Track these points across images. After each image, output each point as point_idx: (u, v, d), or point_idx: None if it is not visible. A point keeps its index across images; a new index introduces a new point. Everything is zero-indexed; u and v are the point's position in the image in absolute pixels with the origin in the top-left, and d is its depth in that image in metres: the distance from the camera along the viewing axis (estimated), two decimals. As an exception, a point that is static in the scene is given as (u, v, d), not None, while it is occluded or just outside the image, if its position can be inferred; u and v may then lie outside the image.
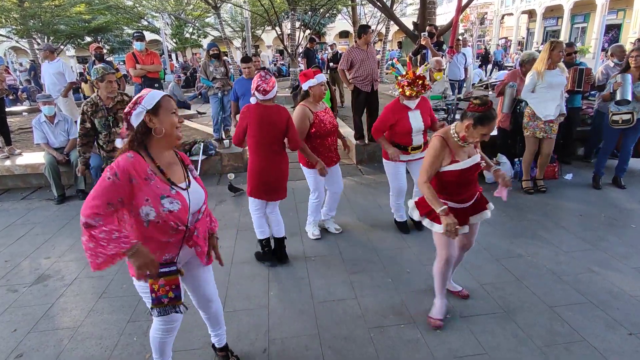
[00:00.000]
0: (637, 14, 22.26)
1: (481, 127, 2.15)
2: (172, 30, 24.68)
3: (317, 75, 3.10)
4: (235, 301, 2.82)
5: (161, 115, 1.63)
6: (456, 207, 2.37)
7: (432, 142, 2.32)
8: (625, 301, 2.65)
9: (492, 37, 35.95)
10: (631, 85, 4.09)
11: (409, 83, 3.17)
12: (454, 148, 2.28)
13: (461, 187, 2.35)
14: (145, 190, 1.59)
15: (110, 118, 3.60)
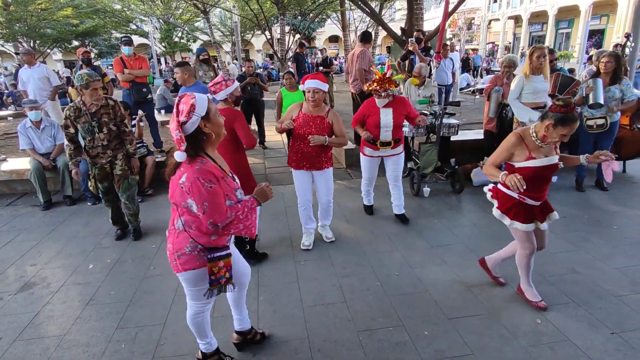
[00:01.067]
0: (620, 19, 22.82)
1: (562, 127, 2.25)
2: (160, 34, 24.58)
3: (307, 81, 3.15)
4: (225, 307, 2.80)
5: (212, 119, 1.76)
6: (531, 203, 2.51)
7: (507, 137, 2.48)
8: (608, 301, 2.71)
9: (480, 42, 36.47)
10: (602, 89, 4.21)
11: (377, 82, 3.56)
12: (531, 147, 2.39)
13: (536, 185, 2.43)
14: (224, 187, 1.78)
15: (94, 123, 3.47)
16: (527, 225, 2.52)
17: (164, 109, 9.62)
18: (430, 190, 4.68)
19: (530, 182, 2.35)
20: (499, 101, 4.70)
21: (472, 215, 4.19)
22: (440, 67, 6.86)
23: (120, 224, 3.96)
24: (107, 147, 3.56)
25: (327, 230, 3.75)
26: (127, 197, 3.79)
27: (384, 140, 3.75)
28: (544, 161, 2.38)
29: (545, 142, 2.36)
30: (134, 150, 3.72)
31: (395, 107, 3.68)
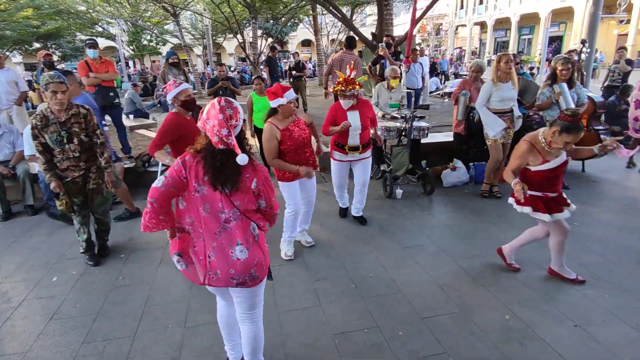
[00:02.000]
0: (576, 26, 24.08)
1: (566, 135, 2.50)
2: (128, 37, 23.88)
3: (286, 93, 3.07)
4: (198, 315, 2.75)
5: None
6: (551, 195, 2.79)
7: (519, 144, 2.76)
8: (571, 295, 2.83)
9: (447, 47, 37.56)
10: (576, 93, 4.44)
11: (342, 83, 3.62)
12: (542, 152, 2.67)
13: (551, 182, 2.75)
14: None
15: (63, 133, 3.12)
16: (563, 214, 2.78)
17: (133, 113, 9.35)
18: (402, 192, 4.76)
19: (546, 180, 2.70)
20: (466, 104, 4.85)
21: (442, 216, 4.30)
22: (410, 72, 7.02)
23: (93, 248, 3.60)
24: (79, 159, 3.24)
25: (306, 235, 3.72)
26: (102, 212, 3.54)
27: (352, 144, 3.75)
28: (557, 162, 2.68)
29: (551, 147, 2.62)
30: (106, 164, 3.33)
31: (360, 109, 3.73)
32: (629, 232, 3.76)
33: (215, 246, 1.78)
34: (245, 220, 1.81)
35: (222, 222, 1.77)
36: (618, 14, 11.40)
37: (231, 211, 1.76)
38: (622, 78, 7.72)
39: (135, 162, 5.40)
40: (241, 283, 1.81)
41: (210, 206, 1.75)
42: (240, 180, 1.74)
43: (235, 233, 1.78)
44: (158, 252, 3.64)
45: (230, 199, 1.74)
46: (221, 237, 1.78)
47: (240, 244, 1.78)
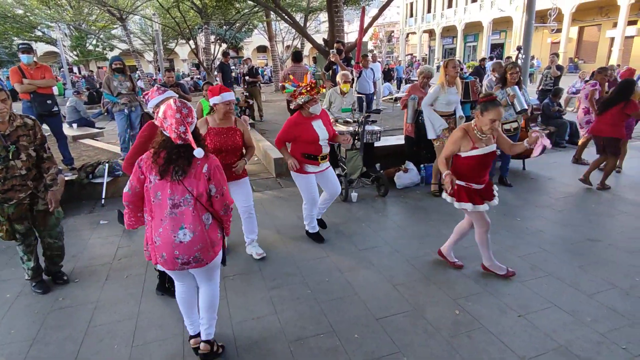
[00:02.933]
0: (515, 34, 25.82)
1: (487, 112, 2.71)
2: (71, 42, 22.56)
3: (223, 94, 3.03)
4: (147, 332, 2.62)
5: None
6: (475, 187, 2.94)
7: (454, 132, 2.93)
8: (514, 287, 3.00)
9: (399, 53, 38.88)
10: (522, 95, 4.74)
11: (307, 89, 3.35)
12: (474, 139, 2.84)
13: (479, 171, 2.90)
14: None
15: (11, 148, 2.70)
16: (483, 206, 2.93)
17: (77, 122, 8.81)
18: (357, 195, 4.84)
19: (474, 168, 2.86)
20: (415, 108, 5.03)
21: (396, 217, 4.41)
22: (362, 77, 7.18)
23: (40, 275, 3.19)
24: (25, 178, 2.82)
25: (255, 246, 3.57)
26: (56, 235, 3.12)
27: (324, 153, 3.56)
28: (485, 149, 2.84)
29: (482, 132, 2.79)
30: (51, 181, 2.88)
31: (322, 118, 3.58)
32: (563, 224, 4.05)
33: (160, 232, 2.00)
34: (198, 208, 2.02)
35: (170, 208, 1.98)
36: (549, 24, 12.37)
37: (182, 197, 1.99)
38: (553, 82, 8.36)
39: (78, 173, 5.08)
40: (185, 263, 2.03)
41: (161, 193, 1.99)
42: (190, 168, 1.98)
43: (181, 218, 1.99)
44: (104, 268, 3.44)
45: (184, 185, 1.97)
46: (166, 223, 1.99)
47: (185, 228, 1.99)
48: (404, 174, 5.22)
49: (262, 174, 5.99)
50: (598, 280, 3.04)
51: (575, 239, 3.71)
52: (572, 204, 4.59)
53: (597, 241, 3.67)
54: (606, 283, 3.00)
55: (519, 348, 2.37)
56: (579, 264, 3.27)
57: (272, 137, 7.44)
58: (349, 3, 13.77)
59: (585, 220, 4.14)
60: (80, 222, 4.44)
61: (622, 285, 2.96)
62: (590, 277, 3.09)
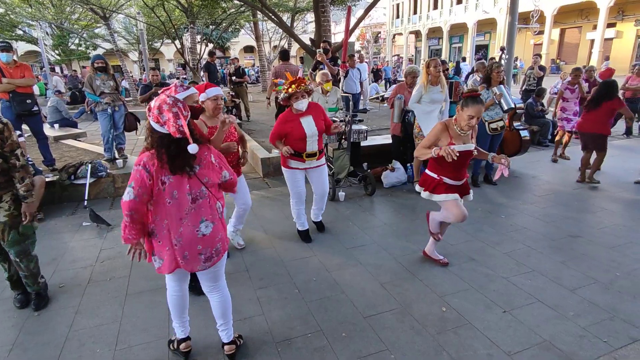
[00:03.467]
0: (499, 35, 26.25)
1: (467, 108, 2.72)
2: (53, 41, 22.05)
3: (207, 90, 3.00)
4: (131, 336, 2.57)
5: None
6: (452, 183, 2.98)
7: (435, 125, 2.93)
8: (499, 283, 3.04)
9: (386, 54, 39.14)
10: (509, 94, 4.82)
11: (291, 83, 3.36)
12: (453, 134, 2.85)
13: (455, 168, 2.90)
14: None
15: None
16: (452, 195, 2.96)
17: (59, 122, 8.61)
18: (345, 194, 4.84)
19: (449, 164, 2.80)
20: (402, 107, 5.06)
21: (383, 216, 4.42)
22: (348, 77, 7.20)
23: (22, 286, 2.92)
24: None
25: (239, 236, 3.69)
26: (17, 253, 2.73)
27: (310, 151, 3.53)
28: (462, 147, 2.81)
29: (462, 128, 2.80)
30: (25, 192, 2.58)
31: (313, 113, 3.53)
32: (546, 221, 4.12)
33: (181, 231, 1.96)
34: (212, 198, 2.04)
35: (190, 203, 1.96)
36: (532, 25, 12.61)
37: (199, 190, 1.98)
38: (537, 82, 8.51)
39: (59, 174, 4.96)
40: (209, 257, 2.03)
41: (177, 192, 1.94)
42: (199, 160, 1.97)
43: (201, 210, 1.99)
44: (86, 271, 3.36)
45: (198, 178, 1.97)
46: (187, 220, 1.96)
47: (205, 219, 2.00)
48: (391, 173, 5.24)
49: (250, 174, 5.95)
50: (580, 275, 3.10)
51: (558, 235, 3.78)
52: (554, 201, 4.67)
53: (578, 237, 3.74)
54: (587, 278, 3.06)
55: (505, 343, 2.40)
56: (562, 260, 3.33)
57: (259, 137, 7.41)
58: (336, 3, 13.77)
59: (566, 217, 4.22)
60: (62, 225, 4.34)
61: (602, 280, 3.03)
62: (572, 272, 3.14)
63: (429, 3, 34.94)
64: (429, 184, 3.05)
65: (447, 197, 2.99)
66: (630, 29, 22.01)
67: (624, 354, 2.29)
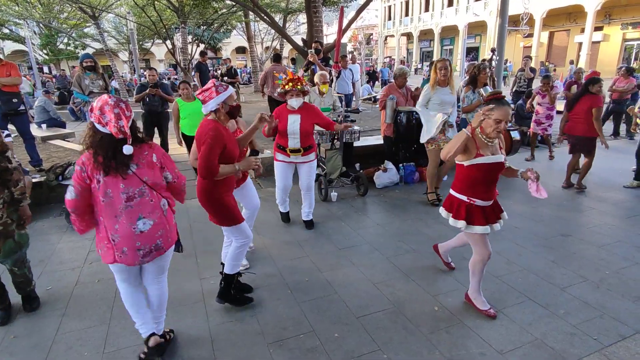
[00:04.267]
0: (489, 38, 26.54)
1: (492, 112, 2.31)
2: (41, 40, 21.73)
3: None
4: (120, 338, 2.52)
5: None
6: (482, 204, 2.54)
7: (459, 133, 2.43)
8: (490, 281, 3.05)
9: (378, 55, 39.32)
10: None
11: (289, 80, 3.55)
12: (480, 144, 2.43)
13: (484, 185, 2.50)
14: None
15: None
16: (483, 228, 2.51)
17: (46, 122, 8.46)
18: (337, 195, 4.83)
19: (478, 181, 2.47)
20: (394, 108, 5.06)
21: (375, 216, 4.42)
22: (340, 77, 7.21)
23: (4, 301, 2.72)
24: None
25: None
26: (14, 262, 2.63)
27: (292, 147, 3.70)
28: (491, 159, 2.43)
29: (488, 136, 2.41)
30: (20, 195, 2.50)
31: (303, 113, 3.62)
32: (536, 220, 4.16)
33: (117, 228, 1.99)
34: (155, 196, 2.07)
35: (124, 202, 1.98)
36: (522, 27, 12.79)
37: (137, 188, 2.00)
38: (527, 84, 8.62)
39: (46, 175, 4.86)
40: (147, 253, 2.06)
41: (111, 190, 1.96)
42: (137, 159, 2.00)
43: (138, 209, 2.01)
44: (73, 273, 3.30)
45: (138, 176, 2.00)
46: (122, 218, 1.99)
47: (144, 217, 2.02)
48: (383, 174, 5.25)
49: (241, 175, 5.91)
50: (570, 274, 3.13)
51: (548, 234, 3.81)
52: (544, 201, 4.69)
53: (568, 236, 3.78)
54: (577, 276, 3.09)
55: (497, 342, 2.40)
56: (552, 259, 3.36)
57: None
58: (328, 4, 13.80)
59: (556, 216, 4.27)
60: (49, 226, 4.26)
61: (592, 278, 3.06)
62: (563, 271, 3.17)
63: (420, 5, 35.21)
64: (456, 207, 2.58)
65: (476, 230, 2.53)
66: (616, 32, 22.43)
67: (614, 351, 2.31)
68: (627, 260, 3.31)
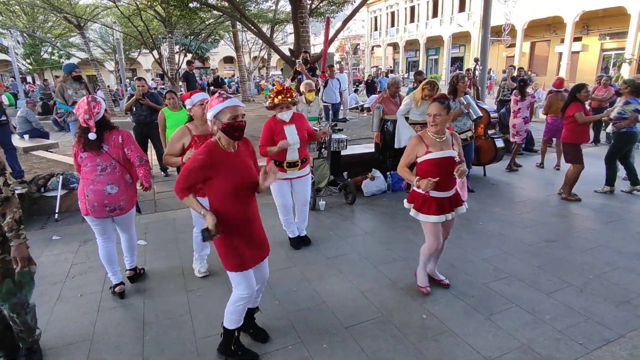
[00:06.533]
0: (473, 48, 27.10)
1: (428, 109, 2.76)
2: (25, 50, 21.41)
3: (192, 96, 2.95)
4: (102, 354, 2.45)
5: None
6: (438, 196, 2.80)
7: (410, 140, 2.89)
8: (478, 288, 3.07)
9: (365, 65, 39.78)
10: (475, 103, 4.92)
11: (277, 92, 3.38)
12: (429, 143, 2.78)
13: (441, 178, 2.69)
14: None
15: None
16: (437, 217, 2.79)
17: (29, 133, 8.31)
18: (325, 204, 4.83)
19: (431, 175, 2.69)
20: (381, 117, 5.12)
21: (363, 225, 4.43)
22: (328, 87, 7.27)
23: (3, 348, 2.34)
24: None
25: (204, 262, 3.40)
26: (13, 307, 2.20)
27: (291, 160, 3.54)
28: (440, 154, 2.73)
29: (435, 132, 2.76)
30: (10, 231, 2.06)
31: (296, 123, 3.54)
32: (522, 227, 4.21)
33: (92, 188, 2.76)
34: (121, 169, 2.84)
35: (99, 172, 2.77)
36: (504, 38, 13.11)
37: (108, 163, 2.78)
38: (510, 93, 8.77)
39: (28, 186, 4.76)
40: (112, 210, 2.82)
41: (90, 163, 2.78)
42: (107, 141, 2.79)
43: (107, 177, 2.78)
44: (55, 288, 3.21)
45: (109, 154, 2.78)
46: (96, 182, 2.77)
47: (111, 183, 2.78)
48: (371, 182, 5.27)
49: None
50: (555, 279, 3.17)
51: (533, 241, 3.87)
52: (529, 207, 4.79)
53: (553, 242, 3.84)
54: (562, 282, 3.13)
55: (484, 349, 2.41)
56: (538, 264, 3.40)
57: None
58: (315, 15, 13.95)
59: (541, 222, 4.33)
60: (31, 239, 4.06)
61: (576, 283, 3.10)
62: (548, 276, 3.21)
63: (405, 16, 35.83)
64: (417, 200, 2.87)
65: (430, 219, 2.79)
66: (595, 42, 23.13)
67: (599, 355, 2.34)
68: (609, 264, 3.37)
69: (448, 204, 2.84)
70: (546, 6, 22.96)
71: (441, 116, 2.71)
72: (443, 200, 2.81)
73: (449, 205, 2.85)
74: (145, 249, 3.87)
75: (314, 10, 13.22)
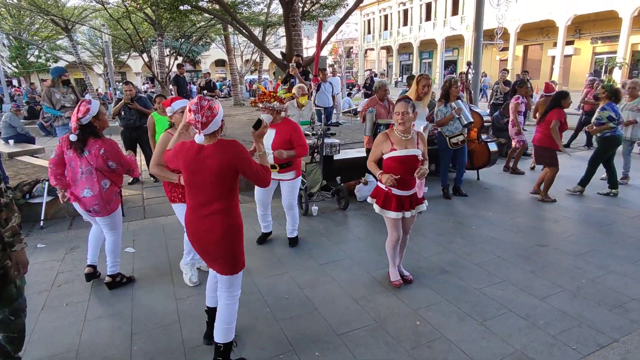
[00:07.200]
0: (466, 51, 27.31)
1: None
2: (10, 53, 21.11)
3: (173, 103, 2.90)
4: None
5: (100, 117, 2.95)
6: (400, 194, 2.95)
7: (377, 136, 3.04)
8: (472, 294, 3.05)
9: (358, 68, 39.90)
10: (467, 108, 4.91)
11: (259, 96, 3.43)
12: (394, 141, 2.91)
13: (402, 175, 2.84)
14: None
15: None
16: (395, 214, 2.96)
17: (13, 138, 8.15)
18: (318, 209, 4.79)
19: (394, 172, 2.84)
20: (374, 121, 5.09)
21: (356, 230, 4.39)
22: (321, 90, 7.25)
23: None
24: None
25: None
26: (12, 311, 2.19)
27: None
28: (404, 152, 2.88)
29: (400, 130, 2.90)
30: (11, 237, 2.06)
31: (279, 129, 3.49)
32: (514, 231, 4.21)
33: (72, 190, 2.98)
34: (98, 176, 2.93)
35: (80, 174, 2.92)
36: (496, 41, 13.22)
37: (86, 168, 2.90)
38: (503, 97, 8.82)
39: (13, 193, 4.64)
40: (88, 211, 2.99)
41: (74, 163, 2.92)
42: (88, 147, 2.87)
43: (85, 182, 2.92)
44: (40, 297, 3.13)
45: (87, 160, 2.88)
46: (78, 183, 2.94)
47: (87, 188, 2.92)
48: (364, 187, 5.24)
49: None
50: (548, 284, 3.16)
51: (526, 245, 3.86)
52: (522, 212, 4.80)
53: (545, 246, 3.84)
54: (555, 286, 3.12)
55: (478, 355, 2.38)
56: (531, 269, 3.39)
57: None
58: (307, 18, 13.94)
59: (534, 226, 4.34)
60: (15, 246, 4.04)
61: (570, 287, 3.10)
62: (542, 281, 3.20)
63: (399, 19, 36.03)
64: (379, 196, 3.03)
65: (389, 214, 2.98)
66: (587, 46, 23.47)
67: (593, 361, 2.32)
68: (602, 269, 3.38)
69: (408, 202, 2.99)
70: (538, 10, 23.27)
71: (408, 114, 2.86)
72: (403, 198, 2.97)
73: (408, 203, 2.99)
74: (134, 256, 3.79)
75: (306, 13, 13.21)
